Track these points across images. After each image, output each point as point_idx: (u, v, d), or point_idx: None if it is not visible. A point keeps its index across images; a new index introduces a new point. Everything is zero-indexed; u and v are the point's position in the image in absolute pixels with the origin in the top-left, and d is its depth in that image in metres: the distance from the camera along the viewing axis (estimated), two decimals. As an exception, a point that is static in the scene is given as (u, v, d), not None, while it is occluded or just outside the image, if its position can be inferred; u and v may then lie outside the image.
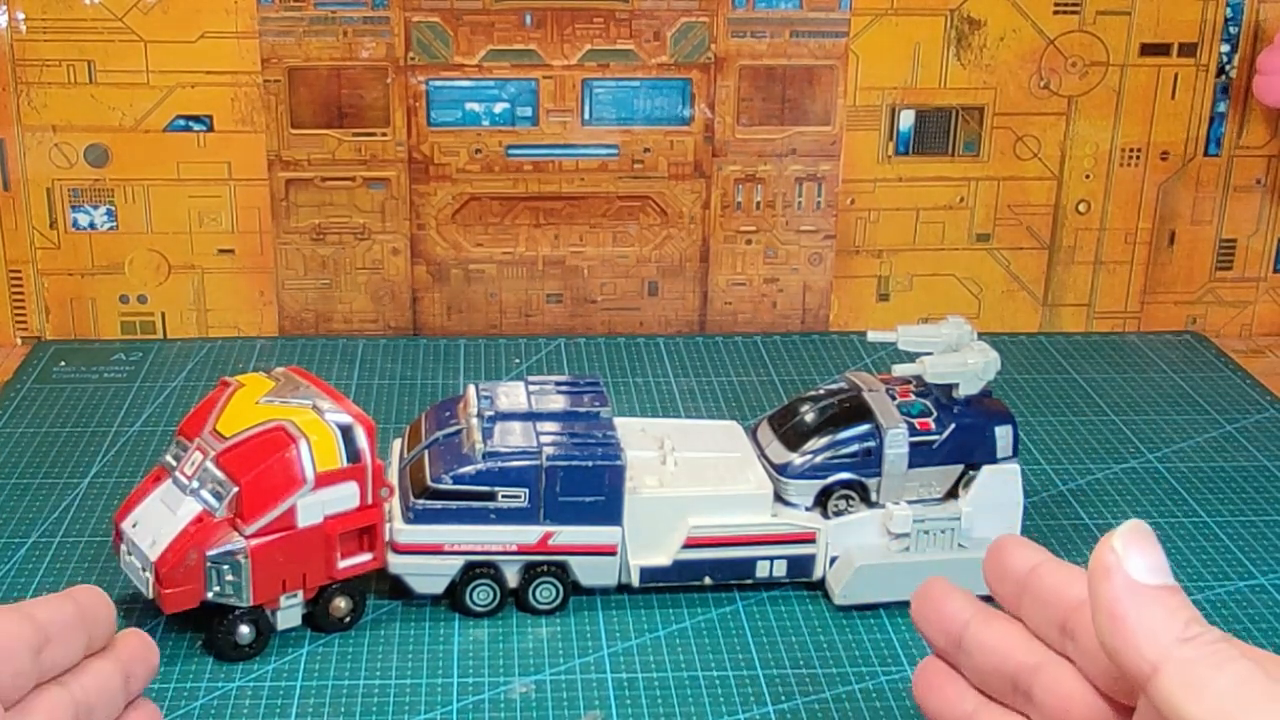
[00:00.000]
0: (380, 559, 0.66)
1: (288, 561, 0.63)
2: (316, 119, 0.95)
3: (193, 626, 0.65)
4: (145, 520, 0.64)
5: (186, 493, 0.63)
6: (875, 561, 0.68)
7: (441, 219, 0.98)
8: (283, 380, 0.68)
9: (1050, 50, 0.98)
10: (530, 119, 0.97)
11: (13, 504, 0.77)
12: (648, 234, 1.00)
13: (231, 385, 0.67)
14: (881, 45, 0.97)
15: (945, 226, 1.02)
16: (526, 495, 0.66)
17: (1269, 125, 1.01)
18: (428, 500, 0.66)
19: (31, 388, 0.92)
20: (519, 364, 0.96)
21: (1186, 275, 1.05)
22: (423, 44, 0.94)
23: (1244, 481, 0.83)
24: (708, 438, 0.73)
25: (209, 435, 0.64)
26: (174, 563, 0.61)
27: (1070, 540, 0.76)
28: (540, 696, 0.62)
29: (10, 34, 0.92)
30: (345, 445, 0.64)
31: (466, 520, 0.66)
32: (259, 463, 0.62)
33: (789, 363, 0.97)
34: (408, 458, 0.69)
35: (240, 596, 0.63)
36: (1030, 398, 0.93)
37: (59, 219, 0.96)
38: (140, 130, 0.94)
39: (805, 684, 0.63)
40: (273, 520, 0.62)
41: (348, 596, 0.66)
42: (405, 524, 0.66)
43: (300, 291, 0.99)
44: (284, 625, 0.65)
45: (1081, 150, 1.01)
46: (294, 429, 0.63)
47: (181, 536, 0.62)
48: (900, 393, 0.71)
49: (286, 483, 0.62)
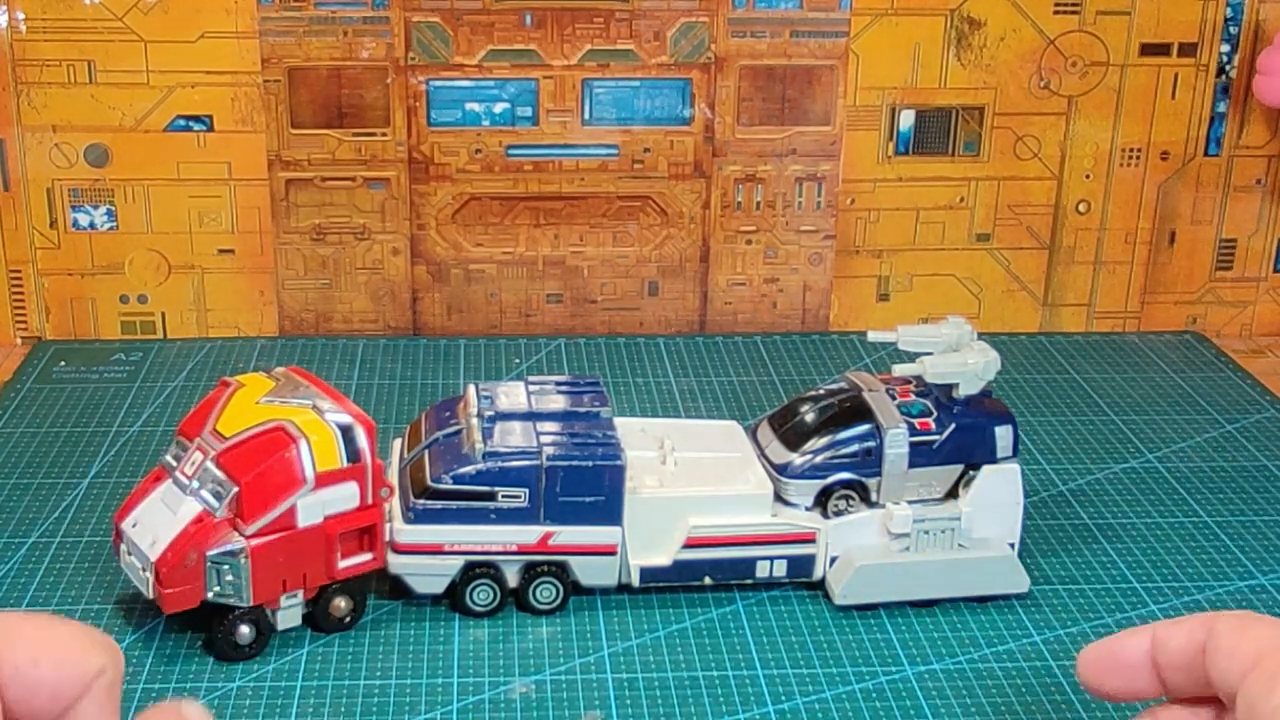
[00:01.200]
0: (380, 559, 0.66)
1: (288, 561, 0.63)
2: (316, 119, 0.95)
3: (193, 626, 0.65)
4: (145, 520, 0.64)
5: (187, 493, 0.63)
6: (875, 561, 0.68)
7: (441, 219, 0.98)
8: (283, 380, 0.68)
9: (1050, 50, 0.98)
10: (530, 119, 0.97)
11: (13, 504, 0.77)
12: (648, 234, 1.00)
13: (231, 385, 0.67)
14: (881, 45, 0.97)
15: (945, 226, 1.02)
16: (526, 495, 0.66)
17: (1269, 125, 1.01)
18: (428, 500, 0.66)
19: (31, 388, 0.92)
20: (519, 364, 0.96)
21: (1186, 275, 1.05)
22: (423, 44, 0.94)
23: (1244, 481, 0.83)
24: (708, 438, 0.73)
25: (209, 435, 0.64)
26: (174, 563, 0.61)
27: (1070, 540, 0.76)
28: (540, 696, 0.62)
29: (10, 34, 0.92)
30: (345, 445, 0.64)
31: (467, 520, 0.66)
32: (259, 463, 0.62)
33: (789, 363, 0.97)
34: (408, 458, 0.69)
35: (240, 596, 0.63)
36: (1030, 398, 0.93)
37: (59, 219, 0.96)
38: (140, 130, 0.95)
39: (805, 684, 0.63)
40: (273, 520, 0.62)
41: (348, 596, 0.66)
42: (405, 524, 0.66)
43: (300, 291, 0.99)
44: (284, 625, 0.65)
45: (1081, 150, 1.01)
46: (294, 429, 0.63)
47: (182, 536, 0.62)
48: (900, 393, 0.71)
49: (287, 483, 0.62)
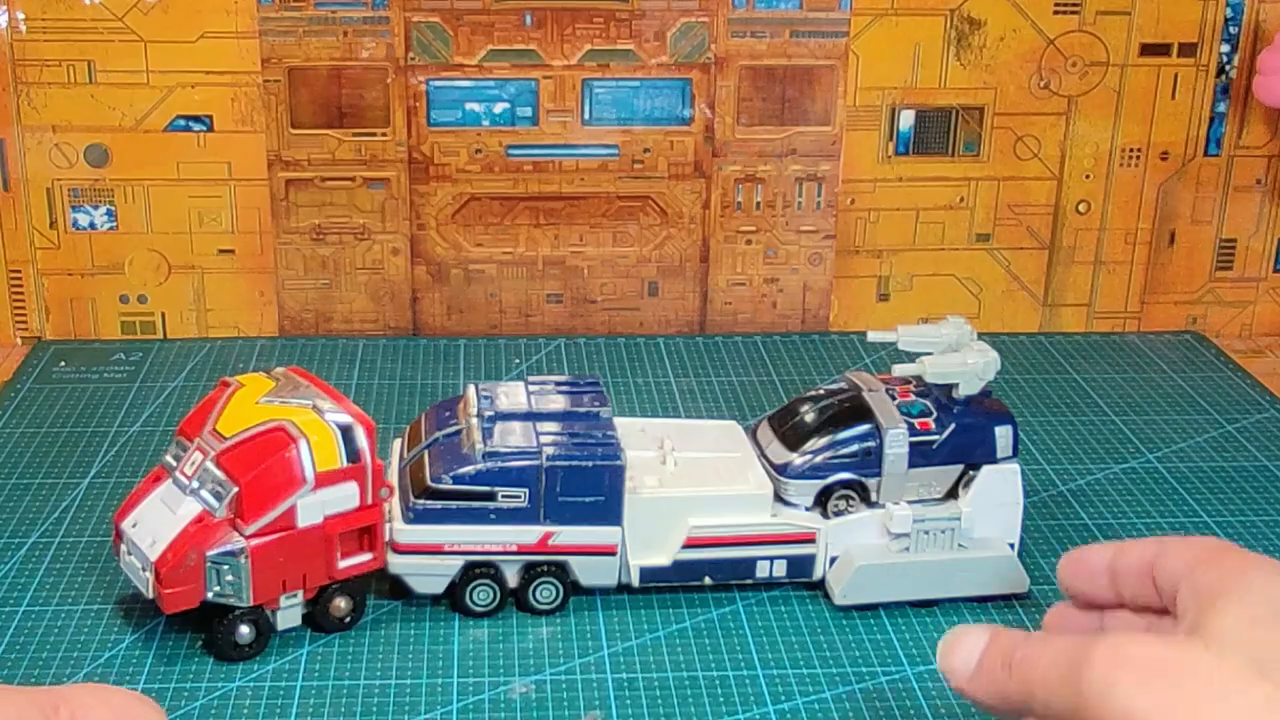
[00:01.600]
0: (380, 559, 0.66)
1: (288, 561, 0.63)
2: (316, 119, 0.95)
3: (192, 626, 0.65)
4: (145, 520, 0.64)
5: (186, 493, 0.63)
6: (875, 561, 0.68)
7: (441, 219, 0.98)
8: (283, 380, 0.68)
9: (1050, 50, 0.98)
10: (530, 119, 0.97)
11: (13, 504, 0.77)
12: (648, 234, 1.00)
13: (231, 385, 0.67)
14: (881, 45, 0.97)
15: (945, 226, 1.02)
16: (526, 495, 0.66)
17: (1269, 125, 1.01)
18: (428, 500, 0.66)
19: (31, 388, 0.92)
20: (519, 364, 0.96)
21: (1186, 275, 1.05)
22: (423, 44, 0.94)
23: (1244, 481, 0.83)
24: (708, 438, 0.73)
25: (209, 435, 0.64)
26: (174, 563, 0.61)
27: (1070, 540, 0.75)
28: (540, 696, 0.62)
29: (10, 34, 0.92)
30: (345, 445, 0.64)
31: (466, 520, 0.66)
32: (259, 463, 0.62)
33: (789, 363, 0.97)
34: (408, 458, 0.69)
35: (240, 596, 0.63)
36: (1030, 398, 0.93)
37: (59, 219, 0.96)
38: (140, 130, 0.95)
39: (805, 684, 0.63)
40: (273, 520, 0.62)
41: (348, 596, 0.66)
42: (405, 524, 0.66)
43: (300, 291, 0.99)
44: (284, 625, 0.65)
45: (1081, 150, 1.01)
46: (294, 429, 0.63)
47: (181, 536, 0.62)
48: (900, 393, 0.71)
49: (286, 483, 0.62)
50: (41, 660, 0.64)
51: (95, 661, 0.64)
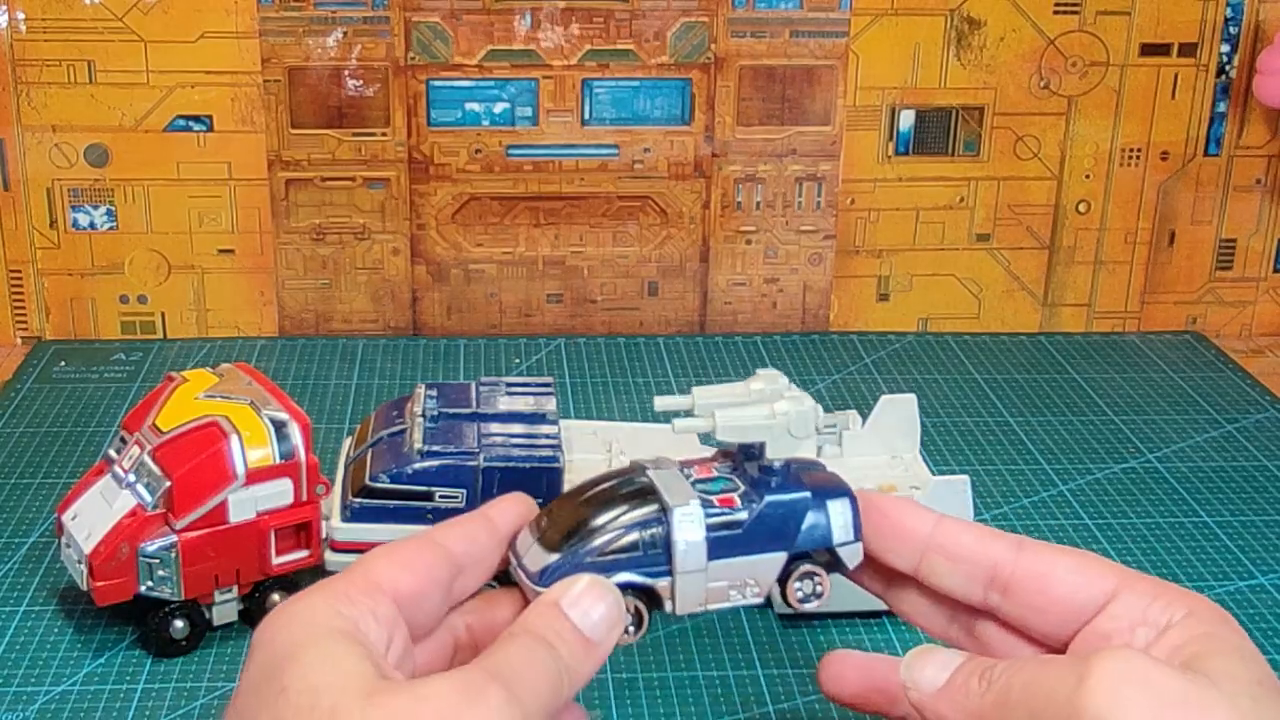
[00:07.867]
0: (317, 556, 0.66)
1: (219, 556, 0.63)
2: (316, 119, 0.95)
3: (124, 619, 0.65)
4: (84, 513, 0.64)
5: (123, 486, 0.63)
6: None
7: (441, 219, 0.98)
8: (226, 376, 0.68)
9: (1050, 50, 0.98)
10: (530, 119, 0.97)
11: (13, 504, 0.77)
12: (648, 234, 1.00)
13: (175, 380, 0.67)
14: (881, 45, 0.97)
15: (945, 226, 1.02)
16: (464, 496, 0.65)
17: (1269, 125, 1.01)
18: (365, 499, 0.65)
19: (31, 388, 0.92)
20: (519, 364, 0.96)
21: (1186, 275, 1.05)
22: (423, 44, 0.94)
23: (1244, 481, 0.83)
24: (658, 443, 0.72)
25: (148, 429, 0.64)
26: (106, 556, 0.61)
27: (1070, 540, 0.75)
28: (540, 696, 0.62)
29: (10, 34, 0.92)
30: (279, 442, 0.63)
31: (403, 519, 0.65)
32: (191, 458, 0.62)
33: (789, 363, 0.97)
34: (352, 456, 0.69)
35: (172, 591, 0.63)
36: (1030, 398, 0.93)
37: (59, 219, 0.96)
38: (140, 130, 0.95)
39: (805, 684, 0.63)
40: (204, 515, 0.62)
41: (284, 593, 0.65)
42: (342, 522, 0.65)
43: (300, 291, 0.99)
44: (220, 620, 0.65)
45: (1081, 150, 1.01)
46: (227, 424, 0.63)
47: (115, 530, 0.62)
48: (700, 469, 0.51)
49: (217, 478, 0.62)
50: (41, 660, 0.64)
51: (95, 661, 0.64)
